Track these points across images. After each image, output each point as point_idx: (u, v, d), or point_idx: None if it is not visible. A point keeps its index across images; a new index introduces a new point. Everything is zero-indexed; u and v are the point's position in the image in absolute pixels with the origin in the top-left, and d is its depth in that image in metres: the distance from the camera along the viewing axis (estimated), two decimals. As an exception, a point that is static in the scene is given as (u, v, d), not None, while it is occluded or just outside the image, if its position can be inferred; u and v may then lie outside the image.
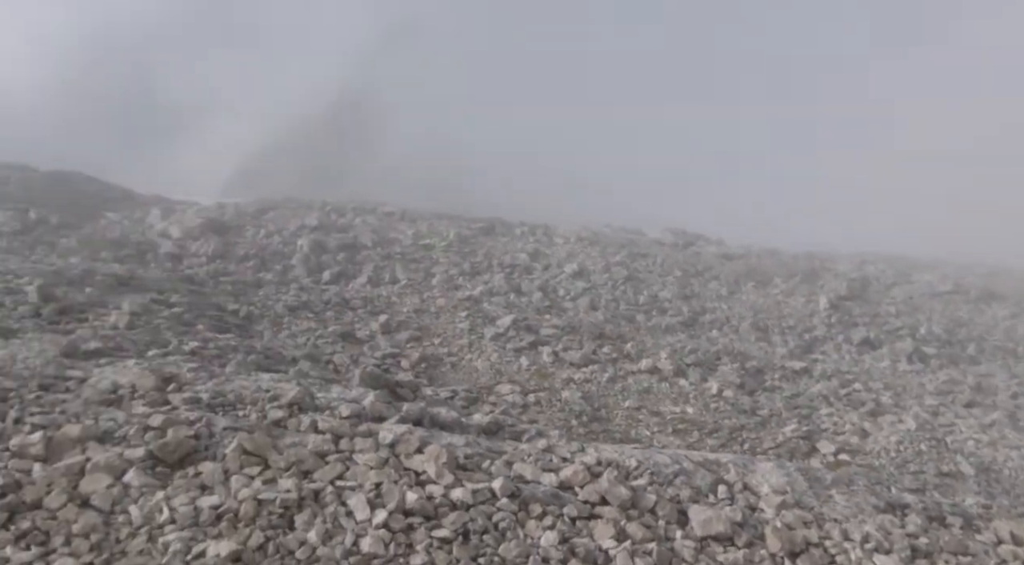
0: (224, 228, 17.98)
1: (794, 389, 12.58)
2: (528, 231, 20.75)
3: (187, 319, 11.15)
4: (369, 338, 12.61)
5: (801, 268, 19.85)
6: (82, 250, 15.41)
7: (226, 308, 12.69)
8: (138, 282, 12.72)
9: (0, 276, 10.65)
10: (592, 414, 10.70)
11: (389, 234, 18.95)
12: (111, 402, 6.79)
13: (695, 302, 17.04)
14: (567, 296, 16.40)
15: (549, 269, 17.75)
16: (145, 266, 15.05)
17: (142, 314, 10.56)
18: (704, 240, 22.47)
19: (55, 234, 16.08)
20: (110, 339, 9.00)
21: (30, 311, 9.55)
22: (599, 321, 14.94)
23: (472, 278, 16.76)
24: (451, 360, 12.27)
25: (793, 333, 15.80)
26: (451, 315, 14.11)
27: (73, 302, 10.20)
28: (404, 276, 16.30)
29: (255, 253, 16.71)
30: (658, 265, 18.86)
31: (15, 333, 8.46)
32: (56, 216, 16.96)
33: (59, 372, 7.18)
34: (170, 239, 17.03)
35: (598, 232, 21.34)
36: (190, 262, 15.95)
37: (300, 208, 20.49)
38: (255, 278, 15.25)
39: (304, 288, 14.90)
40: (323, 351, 11.55)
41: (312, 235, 17.78)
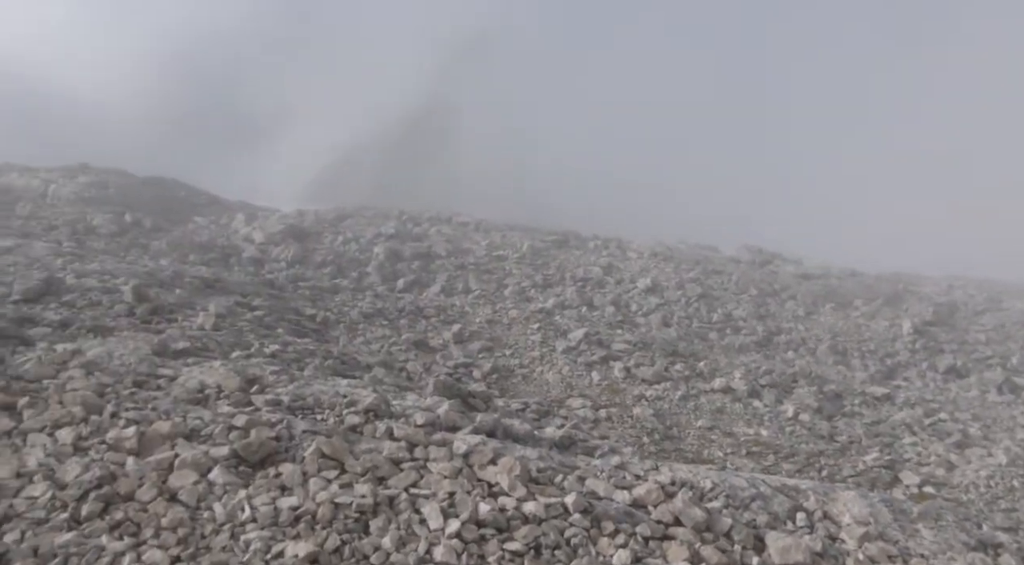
0: (304, 234, 18.49)
1: (875, 416, 12.15)
2: (601, 245, 20.66)
3: (268, 322, 11.49)
4: (442, 347, 12.75)
5: (884, 290, 19.18)
6: (172, 252, 16.07)
7: (304, 313, 13.03)
8: (223, 285, 13.18)
9: (99, 276, 11.18)
10: (664, 432, 10.56)
11: (463, 244, 19.15)
12: (198, 401, 7.05)
13: (770, 322, 16.66)
14: (640, 311, 16.25)
15: (622, 284, 17.63)
16: (229, 269, 15.60)
17: (227, 316, 10.92)
18: (781, 259, 21.95)
19: (148, 236, 16.81)
20: (197, 339, 9.34)
21: (125, 310, 9.99)
22: (672, 338, 14.75)
23: (544, 290, 16.78)
24: (522, 372, 12.29)
25: (874, 358, 15.27)
26: (523, 327, 14.14)
27: (164, 303, 10.63)
28: (477, 286, 16.44)
29: (332, 259, 17.11)
30: (733, 283, 18.51)
31: (111, 331, 8.87)
32: (149, 219, 17.72)
33: (151, 370, 7.49)
34: (253, 244, 17.60)
35: (672, 248, 21.08)
36: (271, 267, 16.44)
37: (377, 216, 20.90)
38: (332, 284, 15.61)
39: (379, 295, 15.18)
40: (397, 358, 11.74)
41: (388, 243, 18.11)
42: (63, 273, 11.04)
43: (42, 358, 7.16)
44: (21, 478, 5.46)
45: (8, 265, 10.93)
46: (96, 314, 9.66)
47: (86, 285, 10.69)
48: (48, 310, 9.36)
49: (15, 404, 6.17)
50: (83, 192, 18.69)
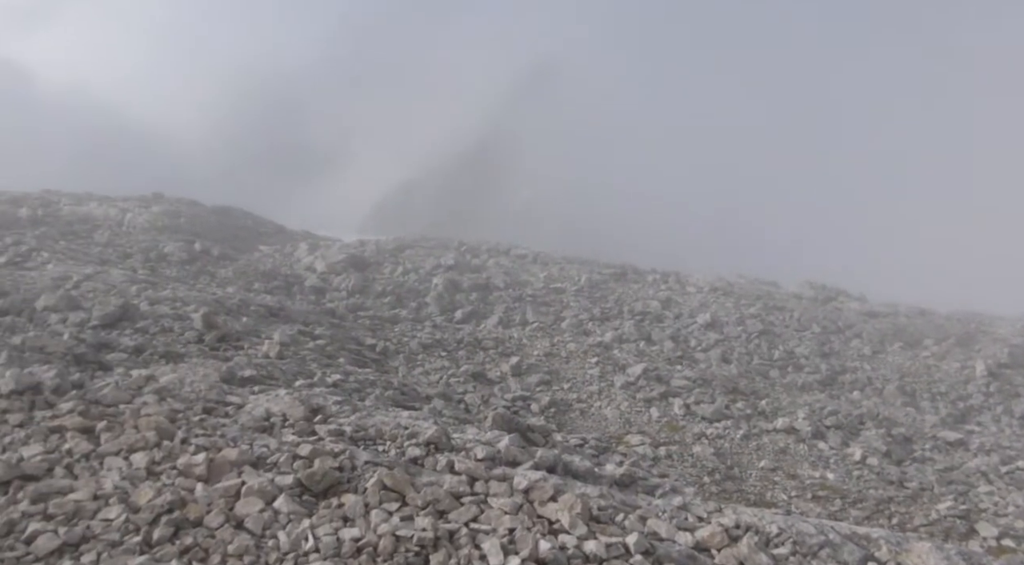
0: (364, 264, 18.81)
1: (948, 462, 11.67)
2: (660, 278, 20.50)
3: (330, 351, 11.69)
4: (500, 379, 12.77)
5: (955, 330, 18.53)
6: (237, 280, 16.53)
7: (364, 342, 13.22)
8: (286, 313, 13.49)
9: (170, 303, 11.57)
10: (725, 472, 10.34)
11: (521, 276, 19.22)
12: (264, 429, 7.19)
13: (834, 360, 16.23)
14: (699, 347, 16.02)
15: (681, 318, 17.43)
16: (292, 298, 15.95)
17: (290, 345, 11.16)
18: (845, 295, 21.42)
19: (216, 264, 17.32)
20: (263, 367, 9.55)
21: (195, 337, 10.30)
22: (732, 375, 14.49)
23: (602, 324, 16.70)
24: (580, 406, 12.22)
25: (945, 400, 14.73)
26: (581, 360, 14.08)
27: (231, 330, 10.92)
28: (535, 318, 16.45)
29: (392, 289, 17.34)
30: (795, 320, 18.13)
31: (182, 357, 9.15)
32: (217, 248, 18.27)
33: (220, 397, 7.68)
34: (315, 273, 17.97)
35: (732, 282, 20.80)
36: (332, 296, 16.74)
37: (436, 247, 21.16)
38: (391, 314, 15.82)
39: (438, 326, 15.31)
40: (455, 390, 11.79)
41: (447, 274, 18.29)
42: (138, 300, 11.44)
43: (119, 383, 7.41)
44: (98, 500, 5.63)
45: (88, 291, 11.39)
46: (168, 340, 9.98)
47: (159, 312, 11.06)
48: (124, 336, 9.71)
49: (94, 428, 6.39)
50: (156, 221, 19.40)
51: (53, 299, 10.39)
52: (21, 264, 13.07)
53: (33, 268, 12.84)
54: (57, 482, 5.75)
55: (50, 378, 7.01)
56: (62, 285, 11.53)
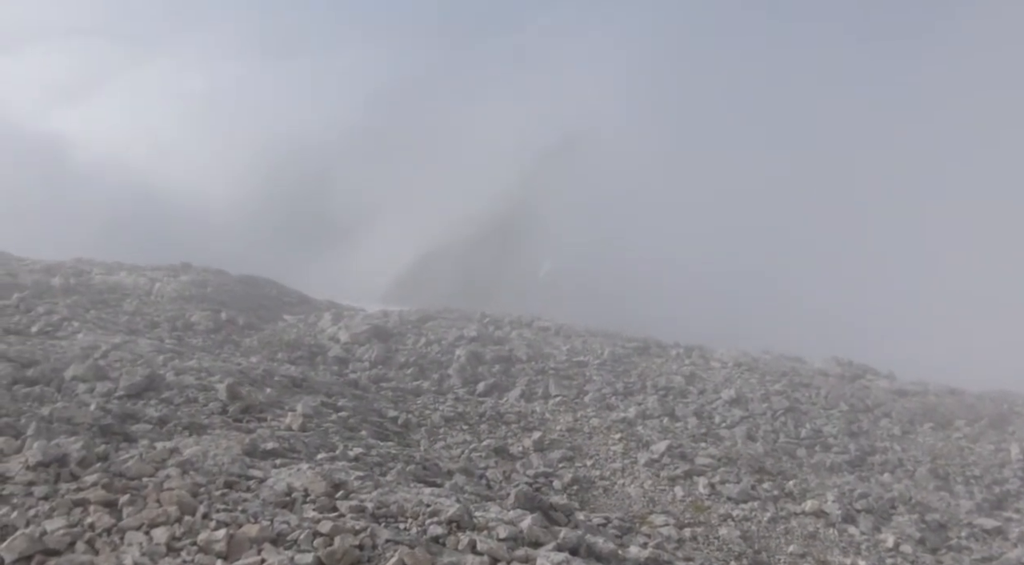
0: (387, 335, 18.88)
1: (986, 551, 11.26)
2: (684, 353, 20.35)
3: (352, 424, 11.64)
4: (522, 455, 12.61)
5: (987, 411, 18.11)
6: (262, 349, 16.64)
7: (386, 415, 13.17)
8: (309, 384, 13.51)
9: (196, 373, 11.66)
10: (753, 557, 10.03)
11: (544, 349, 19.18)
12: (285, 504, 7.13)
13: (863, 440, 15.88)
14: (723, 423, 15.78)
15: (705, 394, 17.23)
16: (315, 368, 16.01)
17: (313, 416, 11.14)
18: (873, 373, 21.08)
19: (241, 334, 17.49)
20: (285, 440, 9.53)
21: (219, 408, 10.33)
22: (758, 453, 14.21)
23: (626, 398, 16.54)
24: (603, 483, 12.00)
25: (980, 484, 14.29)
26: (604, 436, 13.90)
27: (255, 401, 10.94)
28: (558, 392, 16.34)
29: (415, 361, 17.35)
30: (822, 397, 17.84)
31: (206, 428, 9.17)
32: (243, 317, 18.49)
33: (242, 471, 7.65)
34: (338, 343, 18.06)
35: (757, 358, 20.58)
36: (355, 366, 16.78)
37: (459, 319, 21.24)
38: (414, 386, 15.79)
39: (460, 399, 15.24)
40: (477, 465, 11.66)
41: (470, 346, 18.30)
42: (164, 370, 11.55)
43: (143, 456, 7.42)
44: (117, 577, 5.58)
45: (116, 361, 11.52)
46: (192, 411, 10.02)
47: (184, 382, 11.14)
48: (149, 406, 9.77)
49: (117, 501, 6.38)
50: (184, 290, 19.70)
51: (82, 369, 10.52)
52: (52, 333, 13.28)
53: (64, 337, 13.05)
54: (78, 557, 5.72)
55: (76, 450, 7.04)
56: (91, 355, 11.68)
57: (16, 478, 6.53)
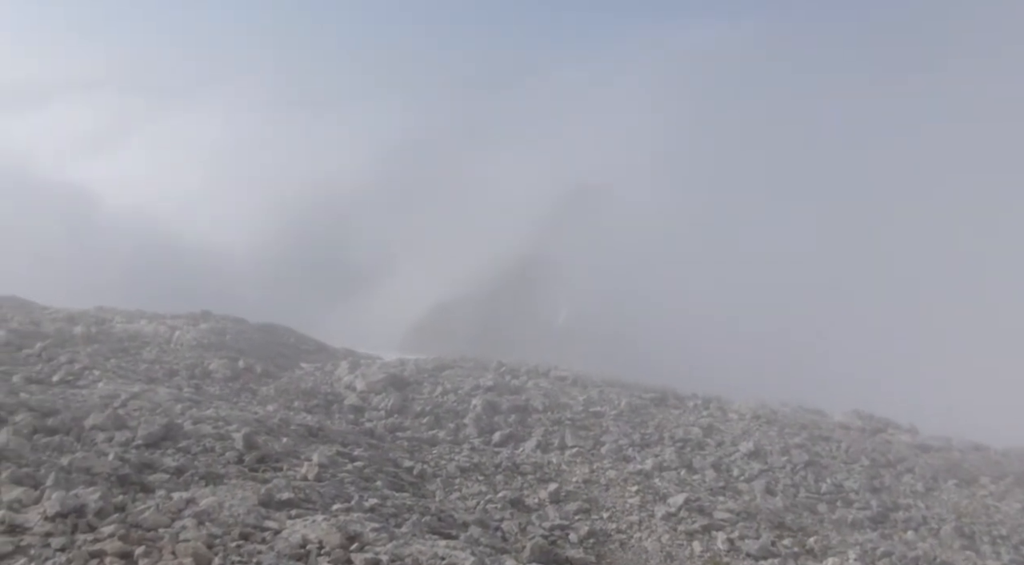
0: (404, 383, 18.89)
1: (1014, 609, 10.94)
2: (701, 404, 20.18)
3: (367, 474, 11.60)
4: (538, 506, 12.47)
5: (1013, 468, 17.75)
6: (278, 398, 16.70)
7: (402, 465, 13.12)
8: (325, 434, 13.51)
9: (213, 422, 11.71)
10: (774, 615, 9.81)
11: (560, 398, 19.09)
12: (300, 557, 7.11)
13: (886, 496, 15.58)
14: (742, 477, 15.56)
15: (723, 446, 17.02)
16: (332, 417, 16.01)
17: (329, 466, 11.12)
18: (895, 427, 20.76)
19: (258, 382, 17.57)
20: (300, 490, 9.52)
21: (235, 457, 10.36)
22: (778, 508, 13.97)
23: (642, 450, 16.37)
24: (620, 537, 11.83)
25: (1007, 544, 13.93)
26: (621, 489, 13.74)
27: (271, 451, 10.97)
28: (574, 443, 16.22)
29: (430, 410, 17.32)
30: (843, 451, 17.56)
31: (222, 478, 9.19)
32: (260, 365, 18.58)
33: (257, 522, 7.65)
34: (355, 392, 18.08)
35: (776, 410, 20.35)
36: (371, 415, 16.77)
37: (476, 368, 21.23)
38: (430, 435, 15.74)
39: (476, 449, 15.15)
40: (493, 517, 11.54)
41: (486, 395, 18.25)
42: (181, 419, 11.61)
43: (159, 506, 7.45)
44: (131, 631, 5.57)
45: (135, 410, 11.61)
46: (209, 461, 10.05)
47: (201, 431, 11.19)
48: (166, 456, 9.82)
49: (132, 553, 6.39)
50: (203, 338, 19.87)
51: (101, 418, 10.61)
52: (73, 383, 13.42)
53: (84, 386, 13.18)
54: (93, 609, 5.72)
55: (94, 501, 7.08)
56: (110, 404, 11.78)
57: (34, 529, 6.57)
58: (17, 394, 11.23)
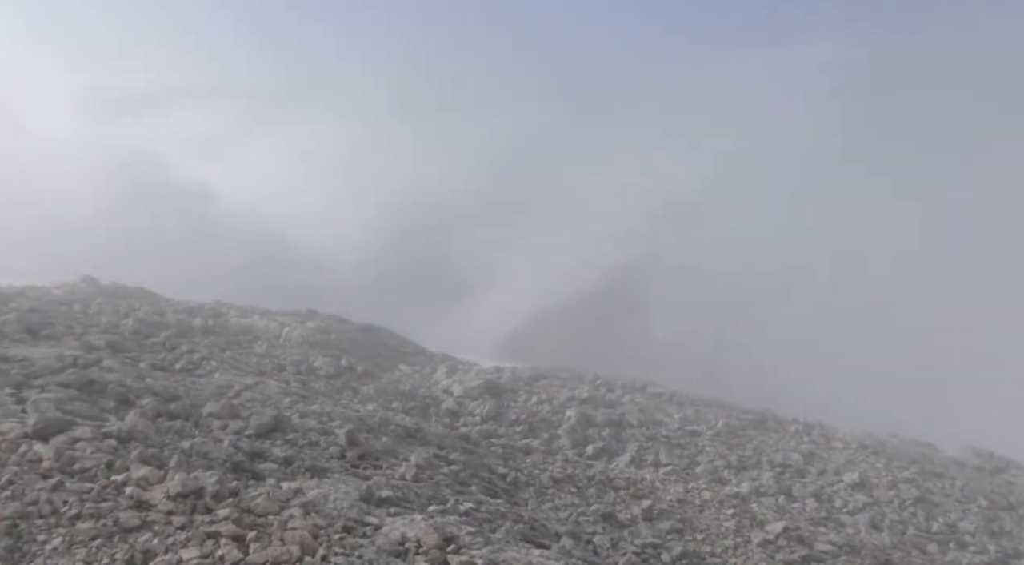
0: (499, 391, 19.07)
1: None
2: (803, 429, 19.49)
3: (463, 478, 11.76)
4: (630, 522, 12.34)
5: None
6: (378, 397, 17.15)
7: (496, 471, 13.24)
8: (423, 435, 13.78)
9: (318, 417, 12.15)
10: (877, 656, 9.36)
11: (655, 415, 18.84)
12: (398, 553, 7.27)
13: (1006, 541, 14.61)
14: (844, 508, 14.93)
15: (825, 475, 16.38)
16: (428, 419, 16.33)
17: (426, 468, 11.34)
18: (1017, 467, 19.44)
19: (359, 381, 18.11)
20: (399, 489, 9.74)
21: (337, 453, 10.71)
22: (884, 545, 13.32)
23: (739, 472, 15.96)
24: (714, 561, 11.55)
25: None
26: (716, 511, 13.42)
27: (372, 448, 11.28)
28: (668, 460, 15.97)
29: (525, 418, 17.42)
30: (957, 489, 16.59)
31: (326, 472, 9.52)
32: (362, 365, 19.15)
33: (359, 516, 7.88)
34: (452, 396, 18.38)
35: (884, 441, 19.43)
36: (466, 420, 17.01)
37: (571, 379, 21.21)
38: (523, 444, 15.83)
39: (569, 460, 15.13)
40: (584, 529, 11.49)
41: (580, 407, 18.22)
42: (289, 412, 12.11)
43: (269, 494, 7.78)
44: (242, 611, 5.84)
45: (247, 400, 12.19)
46: (314, 454, 10.43)
47: (307, 425, 11.62)
48: (275, 446, 10.25)
49: (245, 536, 6.71)
50: (309, 336, 20.65)
51: (217, 407, 11.18)
52: (192, 371, 14.22)
53: (202, 375, 13.94)
54: (208, 587, 6.03)
55: (211, 484, 7.48)
56: (225, 393, 12.41)
57: (158, 506, 7.00)
58: (144, 379, 11.97)
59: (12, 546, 6.12)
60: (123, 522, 6.63)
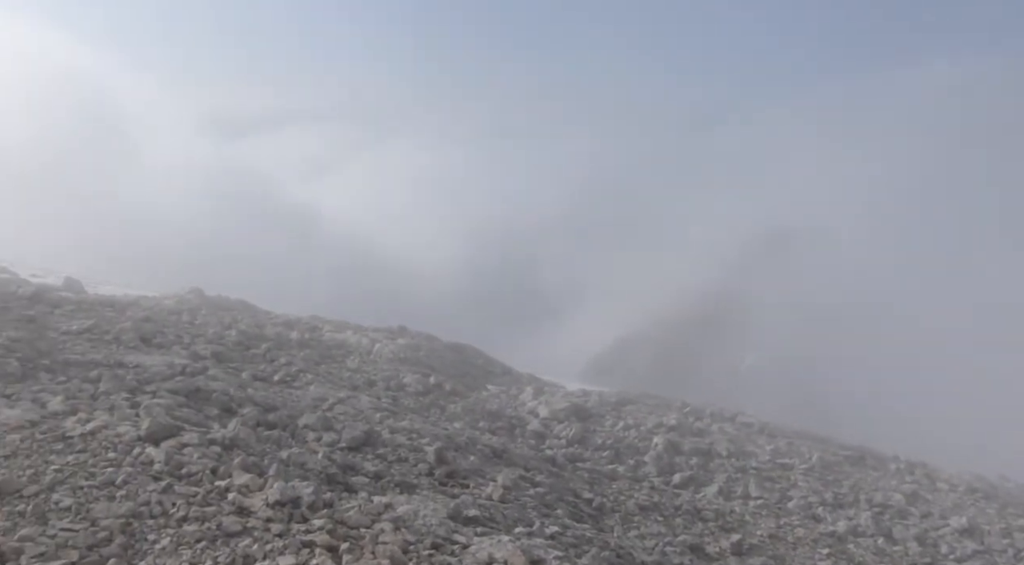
0: (586, 414, 18.95)
1: None
2: (904, 468, 18.56)
3: (548, 501, 11.72)
4: (719, 556, 12.01)
5: None
6: (465, 416, 17.30)
7: (582, 495, 13.13)
8: (509, 457, 13.82)
9: (407, 433, 12.37)
10: None
11: (745, 446, 18.32)
12: (486, 573, 7.31)
13: None
14: (951, 555, 14.08)
15: (929, 518, 15.52)
16: (514, 440, 16.35)
17: (512, 489, 11.36)
18: None
19: (447, 399, 18.32)
20: (486, 509, 9.80)
21: (426, 470, 10.87)
22: (995, 595, 12.51)
23: (834, 510, 15.30)
24: (808, 602, 11.10)
25: None
26: (810, 550, 12.91)
27: (459, 467, 11.38)
28: (759, 494, 15.47)
29: (611, 444, 17.23)
30: (1079, 540, 15.42)
31: (415, 488, 9.67)
32: (450, 383, 19.38)
33: (447, 534, 7.97)
34: (537, 418, 18.37)
35: (995, 485, 18.30)
36: (551, 443, 16.94)
37: (659, 406, 20.89)
38: (609, 469, 15.64)
39: (655, 488, 14.87)
40: (671, 560, 11.25)
41: (668, 435, 17.89)
42: (380, 427, 12.37)
43: (361, 507, 7.97)
44: (335, 621, 5.99)
45: (340, 414, 12.53)
46: (403, 470, 10.62)
47: (397, 441, 11.85)
48: (367, 460, 10.49)
49: (338, 547, 6.89)
50: (400, 353, 21.05)
51: (312, 419, 11.54)
52: (289, 383, 14.73)
53: (299, 387, 14.42)
54: (303, 595, 6.21)
55: (308, 494, 7.72)
56: (320, 406, 12.80)
57: (258, 513, 7.26)
58: (245, 389, 12.48)
59: (126, 543, 6.47)
60: (226, 526, 6.92)
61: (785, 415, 26.65)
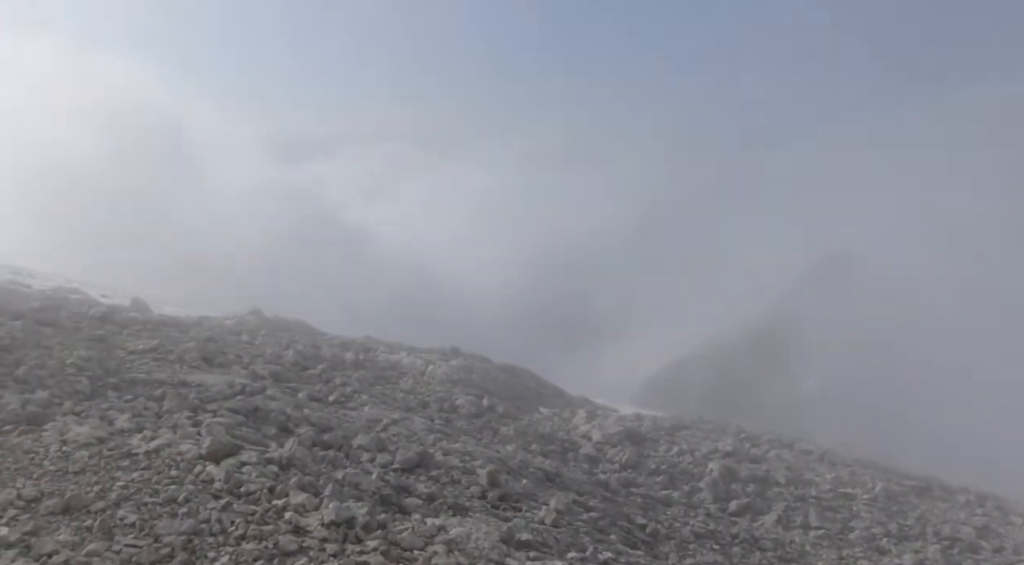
0: (640, 439, 18.72)
1: None
2: (975, 501, 17.84)
3: (601, 526, 11.59)
4: (778, 588, 11.70)
5: None
6: (517, 439, 17.25)
7: (635, 521, 12.93)
8: (562, 480, 13.72)
9: (460, 456, 12.40)
10: None
11: (805, 474, 17.85)
12: (538, 599, 7.27)
13: None
14: (1025, 592, 13.46)
15: (1002, 553, 14.86)
16: (566, 464, 16.23)
17: (565, 513, 11.27)
18: None
19: (500, 421, 18.31)
20: (539, 533, 9.74)
21: (478, 492, 10.86)
22: (1074, 636, 11.88)
23: (900, 543, 14.76)
24: (872, 638, 10.71)
25: None
26: (874, 583, 12.48)
27: (512, 490, 11.35)
28: (819, 524, 15.03)
29: (665, 469, 16.97)
30: None
31: (467, 511, 9.68)
32: (502, 405, 19.38)
33: (500, 558, 7.96)
34: (590, 442, 18.22)
35: (1072, 519, 17.43)
36: (604, 467, 16.76)
37: (714, 431, 20.53)
38: (663, 495, 15.39)
39: (711, 515, 14.58)
40: (728, 591, 11.00)
41: (724, 461, 17.55)
42: (433, 449, 12.43)
43: (415, 529, 8.02)
44: (388, 643, 6.01)
45: (394, 435, 12.64)
46: (456, 492, 10.63)
47: (450, 463, 11.88)
48: (419, 482, 10.55)
49: (392, 569, 6.94)
50: (452, 374, 21.16)
51: (366, 439, 11.66)
52: (344, 404, 14.93)
53: (353, 408, 14.60)
54: (357, 616, 6.26)
55: (362, 515, 7.80)
56: (374, 427, 12.93)
57: (314, 533, 7.37)
58: (301, 409, 12.70)
59: (187, 560, 6.62)
60: (283, 545, 7.03)
61: (845, 442, 25.91)
